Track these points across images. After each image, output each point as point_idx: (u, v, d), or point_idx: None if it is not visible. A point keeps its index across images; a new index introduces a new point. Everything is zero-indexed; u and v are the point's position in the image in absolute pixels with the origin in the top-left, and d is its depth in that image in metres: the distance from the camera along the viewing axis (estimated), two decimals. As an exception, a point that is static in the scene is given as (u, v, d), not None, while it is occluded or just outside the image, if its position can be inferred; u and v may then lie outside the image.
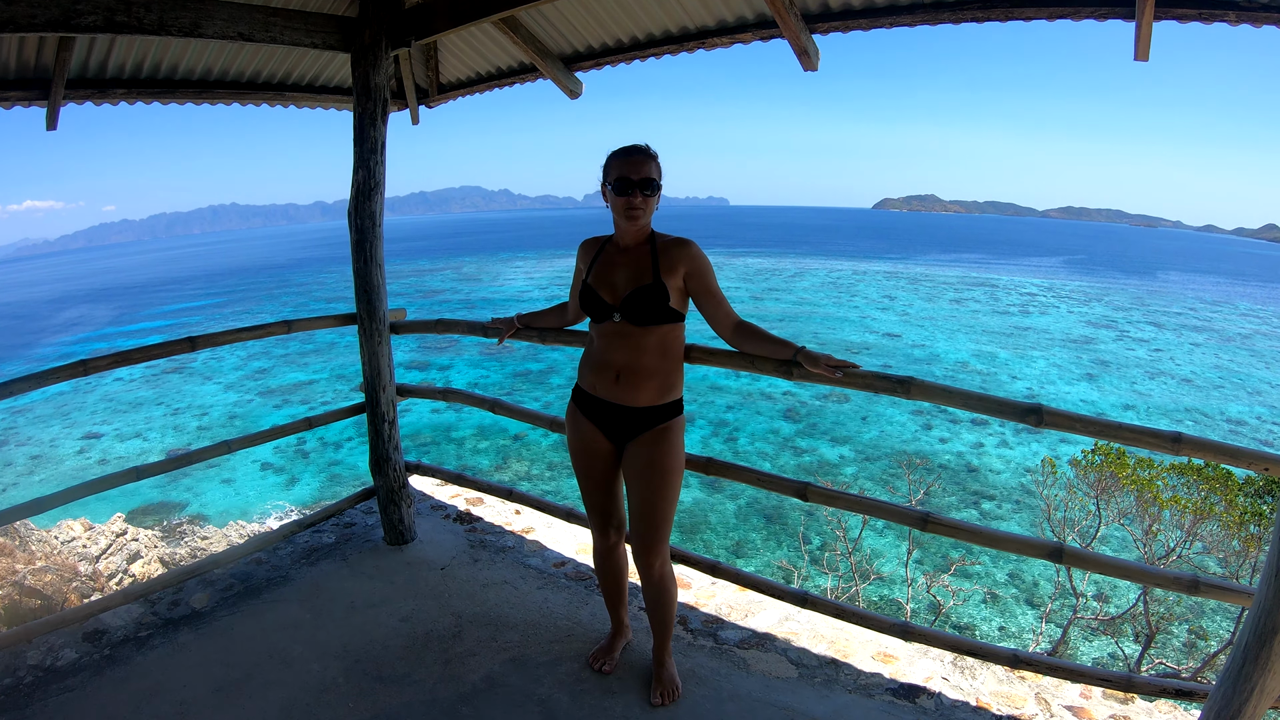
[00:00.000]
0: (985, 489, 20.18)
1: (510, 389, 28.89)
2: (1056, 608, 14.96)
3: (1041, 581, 15.64)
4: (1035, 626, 14.38)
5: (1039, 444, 23.13)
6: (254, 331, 2.85)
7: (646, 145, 2.13)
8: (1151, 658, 7.29)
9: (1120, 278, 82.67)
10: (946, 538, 2.25)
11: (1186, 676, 6.49)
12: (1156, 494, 6.79)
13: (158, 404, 27.73)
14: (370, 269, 3.13)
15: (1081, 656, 11.87)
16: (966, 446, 23.11)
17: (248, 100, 3.21)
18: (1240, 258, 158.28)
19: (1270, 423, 25.63)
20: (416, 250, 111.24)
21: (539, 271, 74.82)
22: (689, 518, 17.96)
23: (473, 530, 3.68)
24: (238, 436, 2.94)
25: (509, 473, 21.09)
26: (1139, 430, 2.05)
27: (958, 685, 2.56)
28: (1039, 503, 19.66)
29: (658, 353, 2.17)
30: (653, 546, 2.25)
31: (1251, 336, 44.08)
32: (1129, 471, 7.33)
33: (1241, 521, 6.29)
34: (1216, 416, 26.05)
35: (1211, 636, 10.96)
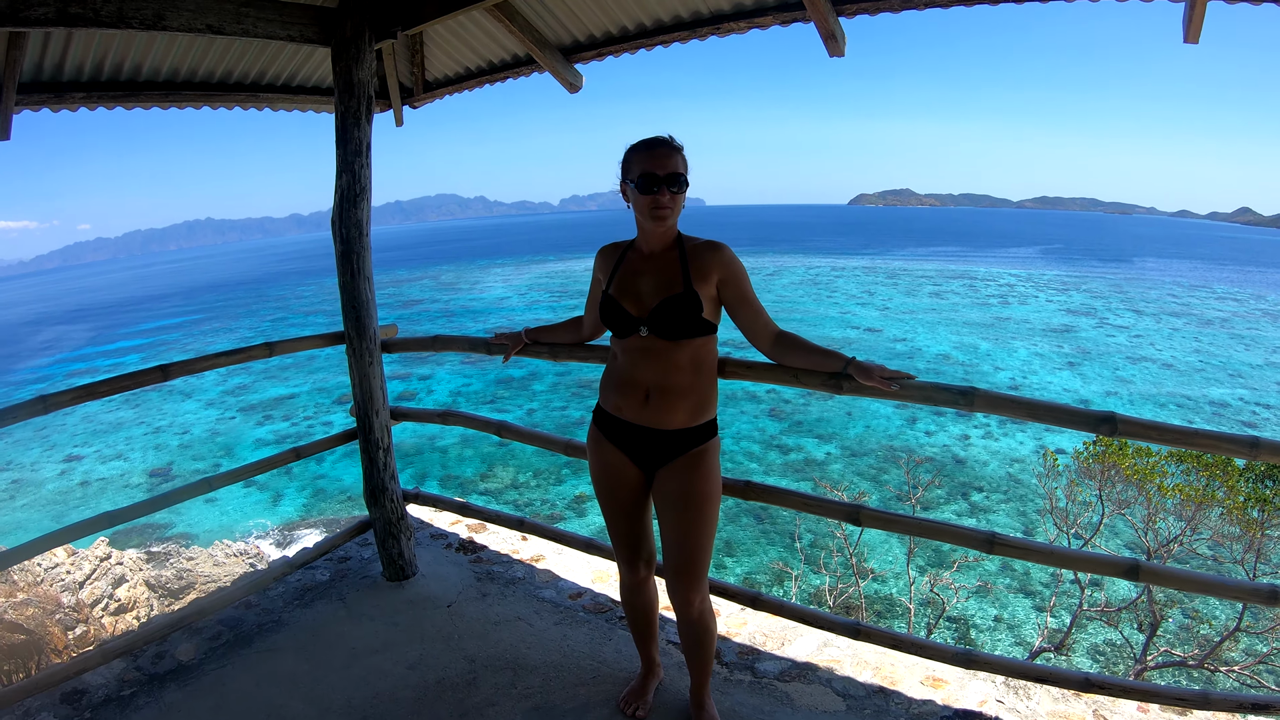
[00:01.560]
0: (973, 481, 20.25)
1: (493, 397, 28.54)
2: (1045, 597, 15.02)
3: (1033, 570, 15.66)
4: (1032, 618, 14.41)
5: (1024, 434, 23.32)
6: (232, 356, 2.58)
7: (670, 136, 1.91)
8: (1156, 646, 7.21)
9: (1097, 265, 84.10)
10: (1008, 558, 2.06)
11: (1194, 664, 6.41)
12: (1160, 484, 6.71)
13: (138, 424, 27.20)
14: (358, 283, 2.88)
15: (1088, 648, 11.86)
16: (952, 439, 23.20)
17: (218, 103, 2.94)
18: (1215, 242, 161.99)
19: (1253, 404, 26.06)
20: (394, 260, 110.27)
21: (517, 278, 74.43)
22: None
23: (478, 560, 3.43)
24: (222, 472, 2.67)
25: (495, 481, 20.81)
26: (1215, 436, 1.90)
27: (1013, 708, 2.40)
28: (1027, 492, 19.86)
29: (690, 369, 1.95)
30: (692, 583, 2.03)
31: (1229, 319, 44.95)
32: (1130, 462, 7.26)
33: (1244, 507, 6.24)
34: (1199, 400, 26.42)
35: (1204, 617, 10.99)
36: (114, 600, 8.46)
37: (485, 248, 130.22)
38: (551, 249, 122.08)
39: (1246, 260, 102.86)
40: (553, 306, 51.95)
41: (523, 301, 55.70)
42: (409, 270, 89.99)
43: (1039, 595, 15.13)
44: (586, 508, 19.02)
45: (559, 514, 18.75)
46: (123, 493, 21.32)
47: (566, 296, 57.63)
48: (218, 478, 2.60)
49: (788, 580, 14.72)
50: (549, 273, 78.78)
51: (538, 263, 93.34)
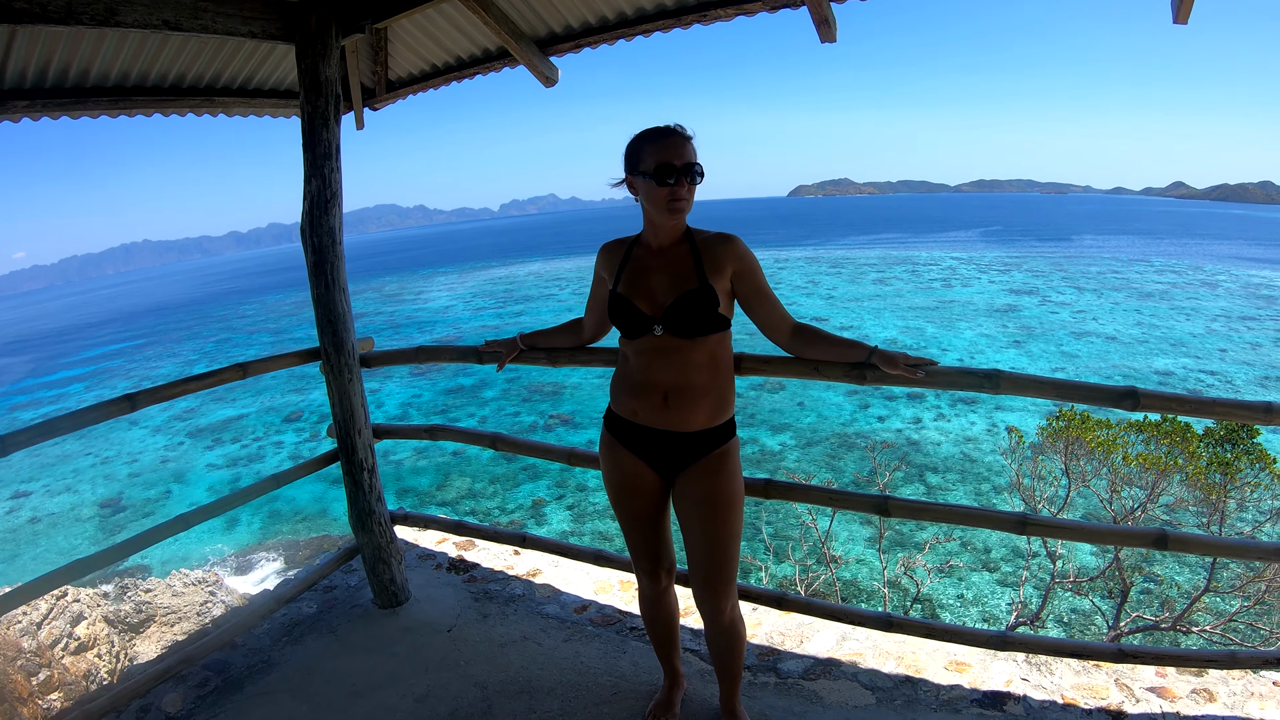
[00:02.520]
0: (929, 462, 20.66)
1: (444, 407, 28.05)
2: (1010, 570, 15.44)
3: (994, 547, 16.09)
4: (994, 594, 14.77)
5: (975, 414, 23.95)
6: (203, 381, 2.39)
7: (679, 125, 1.82)
8: (1128, 612, 7.45)
9: (1037, 245, 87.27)
10: (1041, 537, 2.05)
11: (1166, 627, 6.64)
12: (1125, 454, 6.92)
13: (85, 454, 26.02)
14: (333, 294, 2.71)
15: (1061, 619, 12.21)
16: (905, 423, 23.67)
17: (171, 109, 2.72)
18: (1151, 216, 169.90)
19: (1196, 372, 27.37)
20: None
21: (461, 285, 73.38)
22: None
23: (472, 580, 3.28)
24: (200, 507, 2.46)
25: (451, 491, 20.48)
26: (1231, 404, 1.94)
27: (1039, 685, 2.40)
28: (982, 470, 20.41)
29: (709, 368, 1.87)
30: (724, 590, 1.95)
31: (1169, 291, 47.13)
32: (1093, 434, 7.47)
33: (1205, 472, 6.46)
34: (1145, 370, 27.61)
35: (1166, 581, 11.44)
36: (73, 639, 8.00)
37: (427, 257, 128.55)
38: (494, 255, 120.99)
39: (1182, 233, 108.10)
40: (499, 313, 51.41)
41: (468, 309, 55.01)
42: (352, 283, 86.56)
43: (999, 571, 15.51)
44: (546, 513, 18.86)
45: (518, 521, 18.55)
46: (75, 527, 20.46)
47: (512, 301, 57.12)
48: (195, 513, 2.40)
49: (755, 571, 14.84)
50: (492, 279, 77.94)
51: (481, 269, 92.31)
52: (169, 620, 9.71)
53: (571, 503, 19.23)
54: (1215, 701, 2.26)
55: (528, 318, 47.32)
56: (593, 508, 18.84)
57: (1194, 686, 2.34)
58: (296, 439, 26.10)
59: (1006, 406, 23.83)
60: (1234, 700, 2.27)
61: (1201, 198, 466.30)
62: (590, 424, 24.97)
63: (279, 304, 72.93)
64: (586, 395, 27.74)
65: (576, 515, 18.58)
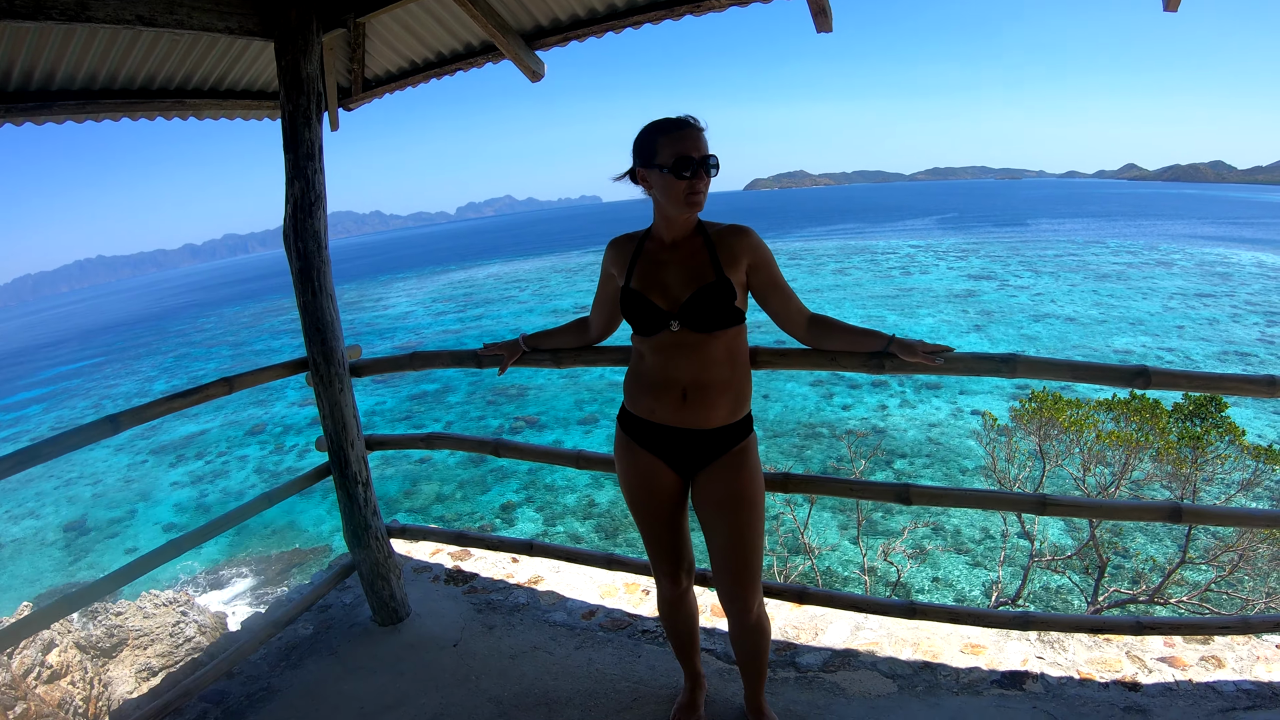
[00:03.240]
0: (896, 448, 20.92)
1: (408, 413, 27.63)
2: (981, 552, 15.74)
3: (964, 528, 16.40)
4: (966, 575, 15.04)
5: (939, 399, 24.37)
6: (188, 398, 2.26)
7: (692, 116, 1.77)
8: (1106, 586, 7.65)
9: (993, 230, 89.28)
10: (1060, 517, 2.06)
11: (1144, 600, 6.84)
12: (1099, 432, 7.09)
13: (47, 477, 25.04)
14: (321, 301, 2.60)
15: (1039, 597, 12.46)
16: (870, 410, 23.97)
17: (141, 112, 2.57)
18: (1104, 199, 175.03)
19: (1155, 349, 28.28)
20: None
21: (420, 290, 72.39)
22: (608, 520, 17.71)
23: (472, 590, 3.19)
24: (190, 532, 2.32)
25: (420, 497, 20.22)
26: (1238, 379, 1.96)
27: (1054, 661, 2.43)
28: (948, 454, 20.79)
29: (727, 363, 1.83)
30: (751, 588, 1.91)
31: (1125, 271, 48.54)
32: (1066, 413, 7.63)
33: (1176, 446, 6.64)
34: (1104, 349, 28.44)
35: (1138, 554, 11.77)
36: (46, 668, 7.66)
37: (385, 263, 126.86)
38: (452, 258, 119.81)
39: (1136, 214, 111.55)
40: (460, 317, 50.86)
41: (428, 314, 54.35)
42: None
43: (972, 553, 15.77)
44: (516, 516, 18.72)
45: (489, 524, 18.39)
46: (40, 552, 19.76)
47: (472, 305, 56.56)
48: (186, 538, 2.27)
49: None
50: (451, 283, 77.07)
51: (439, 274, 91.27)
52: (141, 643, 9.38)
53: (541, 504, 19.12)
54: (1224, 667, 2.31)
55: (489, 320, 46.85)
56: (562, 507, 18.75)
57: (1202, 654, 2.39)
58: (261, 453, 25.45)
59: (970, 390, 24.28)
60: (1241, 665, 2.32)
61: (1154, 179, 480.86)
62: (556, 425, 24.82)
63: (237, 316, 71.07)
64: (551, 397, 27.57)
65: (547, 517, 18.47)
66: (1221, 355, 27.09)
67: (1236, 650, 2.39)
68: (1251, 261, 51.10)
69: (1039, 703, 2.22)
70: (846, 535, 16.24)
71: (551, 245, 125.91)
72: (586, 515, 18.25)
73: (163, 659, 9.43)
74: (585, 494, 19.11)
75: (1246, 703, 2.14)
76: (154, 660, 9.33)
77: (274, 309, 72.39)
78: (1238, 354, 27.22)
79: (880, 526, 15.99)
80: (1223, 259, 53.05)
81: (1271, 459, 5.77)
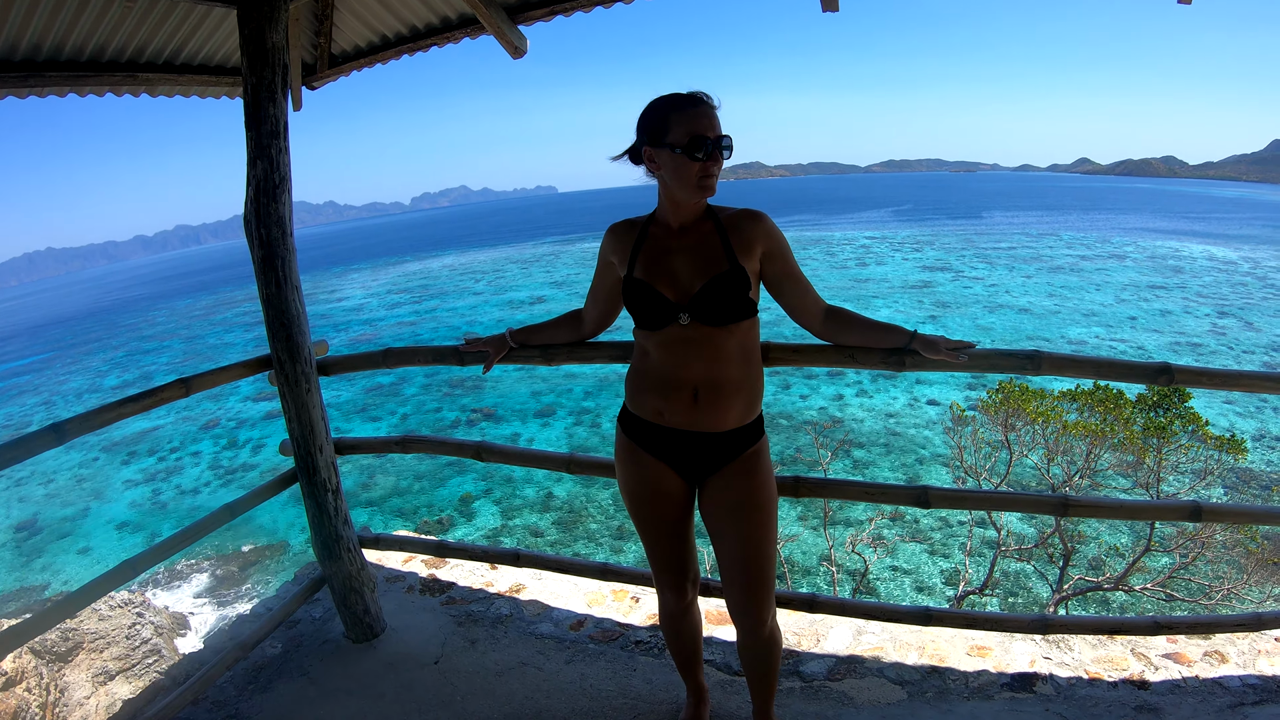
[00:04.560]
0: (854, 438, 21.22)
1: (364, 406, 27.02)
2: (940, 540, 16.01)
3: (923, 518, 16.67)
4: (926, 565, 15.29)
5: (896, 389, 24.78)
6: (140, 402, 2.03)
7: (704, 93, 1.62)
8: (1070, 575, 7.81)
9: (948, 222, 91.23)
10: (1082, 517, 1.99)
11: (1109, 587, 6.99)
12: (1065, 423, 7.21)
13: None
14: (286, 293, 2.38)
15: (1003, 585, 12.73)
16: (827, 400, 24.26)
17: (90, 86, 2.29)
18: (1058, 192, 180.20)
19: (1109, 340, 29.22)
20: (246, 275, 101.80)
21: (374, 282, 70.85)
22: (567, 513, 17.60)
23: (450, 601, 3.01)
24: (150, 549, 2.09)
25: (377, 490, 19.85)
26: (1258, 375, 1.93)
27: (1061, 662, 2.39)
28: (906, 444, 21.12)
29: (740, 359, 1.69)
30: (765, 600, 1.79)
31: (1078, 263, 50.03)
32: (1033, 405, 7.75)
33: (1142, 436, 6.78)
34: (1058, 340, 29.28)
35: (1091, 539, 12.12)
36: (0, 674, 7.27)
37: (339, 254, 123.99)
38: (407, 249, 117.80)
39: (1089, 207, 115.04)
40: (415, 309, 49.92)
41: (383, 306, 53.28)
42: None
43: (931, 543, 16.03)
44: (475, 509, 18.46)
45: (447, 518, 18.11)
46: (-8, 552, 18.91)
47: (428, 296, 55.63)
48: (143, 557, 2.04)
49: None
50: (407, 274, 75.66)
51: (395, 264, 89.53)
52: (97, 646, 8.98)
53: (499, 497, 18.90)
54: (1228, 662, 2.29)
55: (444, 312, 46.03)
56: (521, 500, 18.56)
57: (1205, 650, 2.37)
58: (214, 448, 24.62)
59: (926, 380, 24.72)
60: (1244, 659, 2.31)
61: (1106, 173, 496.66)
62: (513, 417, 24.53)
63: (189, 309, 68.49)
64: (508, 388, 27.23)
65: (506, 510, 18.26)
66: (1174, 346, 28.11)
67: (1238, 645, 2.38)
68: (1202, 254, 53.22)
69: (1051, 705, 2.17)
70: (806, 525, 16.36)
71: (507, 236, 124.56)
72: (545, 508, 18.10)
73: (119, 662, 9.06)
74: (544, 487, 18.94)
75: (1254, 697, 2.12)
76: (111, 664, 8.93)
77: (227, 301, 70.06)
78: (1190, 344, 28.27)
79: (836, 517, 16.13)
80: (1174, 252, 55.07)
81: (1234, 448, 5.93)
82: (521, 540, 16.65)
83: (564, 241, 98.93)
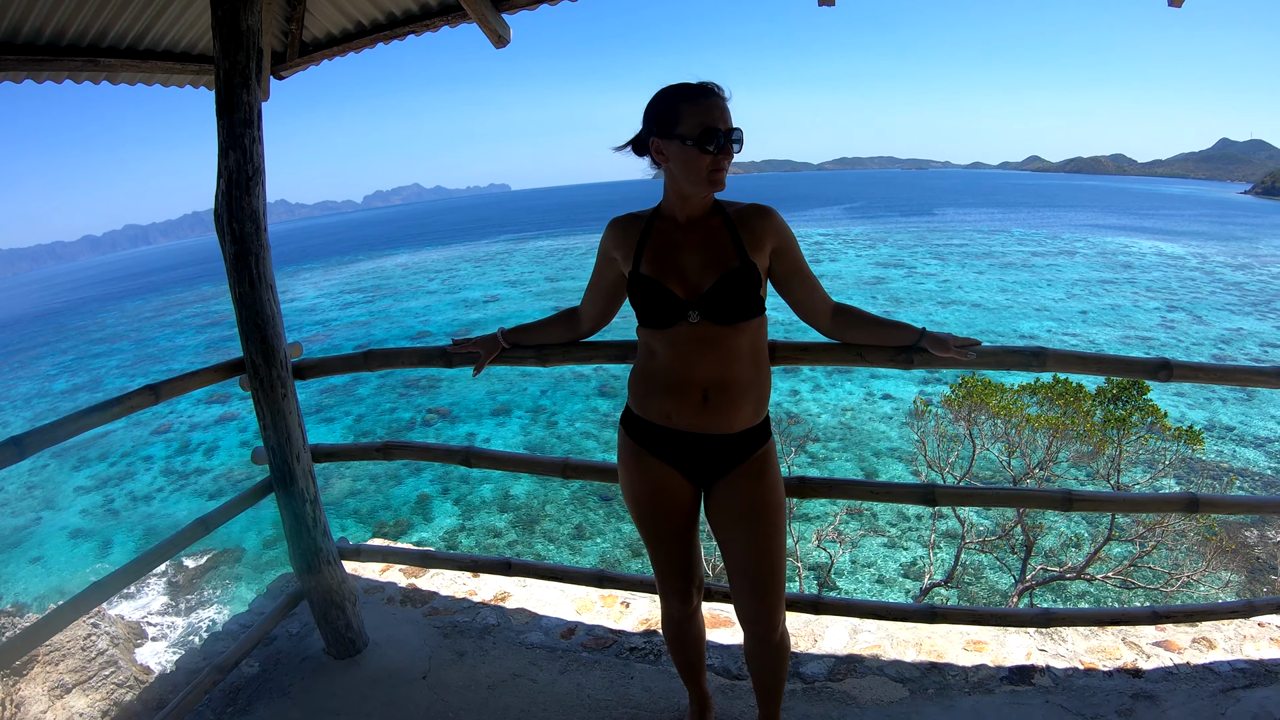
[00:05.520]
0: (812, 434, 21.41)
1: (317, 407, 26.23)
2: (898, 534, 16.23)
3: (881, 511, 16.90)
4: (885, 557, 15.50)
5: (851, 384, 25.09)
6: (107, 411, 1.88)
7: (714, 83, 1.57)
8: (1033, 566, 8.02)
9: (900, 219, 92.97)
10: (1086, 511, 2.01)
11: (1071, 577, 7.19)
12: (1026, 417, 7.38)
13: None
14: (260, 292, 2.25)
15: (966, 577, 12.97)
16: (782, 396, 24.42)
17: (48, 72, 2.10)
18: (1008, 189, 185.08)
19: (1060, 334, 30.09)
20: (197, 275, 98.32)
21: (327, 281, 68.93)
22: (526, 511, 17.45)
23: (433, 612, 2.90)
24: (120, 570, 1.93)
25: (332, 491, 19.34)
26: (1253, 370, 1.99)
27: (1056, 653, 2.43)
28: (862, 438, 21.42)
29: (751, 359, 1.65)
30: (776, 604, 1.75)
31: (1029, 259, 51.36)
32: (995, 398, 7.92)
33: (1101, 428, 6.97)
34: (1010, 335, 30.06)
35: (1049, 530, 12.46)
36: None
37: (291, 253, 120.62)
38: (360, 248, 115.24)
39: (1040, 204, 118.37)
40: (368, 308, 48.86)
41: (336, 305, 51.96)
42: (214, 284, 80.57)
43: (889, 537, 16.21)
44: (432, 509, 18.16)
45: (405, 520, 17.79)
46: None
47: (381, 296, 54.51)
48: (111, 579, 1.88)
49: (633, 560, 14.90)
50: (359, 273, 73.90)
51: (348, 264, 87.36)
52: (53, 659, 8.51)
53: (457, 496, 18.62)
54: (1216, 648, 2.35)
55: (398, 311, 45.12)
56: (479, 499, 18.31)
57: (1193, 637, 2.43)
58: (167, 452, 23.68)
59: (881, 375, 25.08)
60: (1231, 645, 2.37)
61: (1056, 170, 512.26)
62: (469, 417, 24.18)
63: (139, 310, 65.56)
64: (464, 386, 26.79)
65: (465, 510, 18.00)
66: (1124, 340, 29.08)
67: (1224, 630, 2.44)
68: (1152, 250, 55.21)
69: (1050, 696, 2.19)
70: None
71: (460, 234, 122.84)
72: (504, 508, 17.90)
73: (75, 674, 8.63)
74: (501, 486, 18.72)
75: (1244, 681, 2.17)
76: (66, 677, 8.47)
77: (177, 302, 67.39)
78: (1140, 338, 29.28)
79: (795, 512, 16.25)
80: (1124, 248, 56.92)
81: (1191, 439, 6.17)
82: (480, 541, 16.43)
83: (518, 240, 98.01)
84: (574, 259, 67.61)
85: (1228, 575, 6.50)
